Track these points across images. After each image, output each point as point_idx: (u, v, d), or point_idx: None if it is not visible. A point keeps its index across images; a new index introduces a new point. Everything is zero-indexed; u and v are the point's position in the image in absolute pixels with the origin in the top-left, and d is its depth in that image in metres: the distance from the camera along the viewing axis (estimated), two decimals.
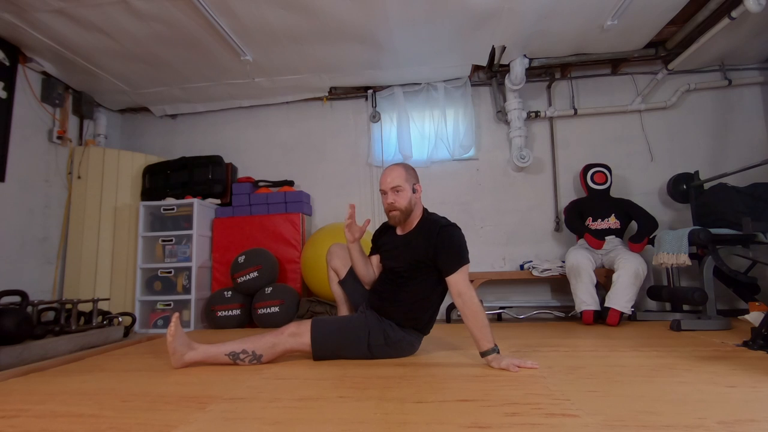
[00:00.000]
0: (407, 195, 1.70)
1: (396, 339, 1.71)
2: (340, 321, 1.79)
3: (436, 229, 1.66)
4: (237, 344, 1.66)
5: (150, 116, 3.95)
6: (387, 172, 1.73)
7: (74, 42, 2.80)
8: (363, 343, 1.68)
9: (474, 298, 1.57)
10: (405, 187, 1.69)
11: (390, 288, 1.75)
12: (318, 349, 1.66)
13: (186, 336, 1.68)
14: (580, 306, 2.67)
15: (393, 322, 1.73)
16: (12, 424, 1.07)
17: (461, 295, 1.58)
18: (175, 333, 1.61)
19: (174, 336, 1.61)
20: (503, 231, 3.43)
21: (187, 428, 1.00)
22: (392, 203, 1.70)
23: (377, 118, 3.64)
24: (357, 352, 1.69)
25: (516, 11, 2.63)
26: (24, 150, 2.97)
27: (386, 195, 1.71)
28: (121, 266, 3.25)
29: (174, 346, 1.61)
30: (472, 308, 1.56)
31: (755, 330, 1.80)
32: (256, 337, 1.68)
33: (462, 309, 1.58)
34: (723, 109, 3.34)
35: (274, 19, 2.62)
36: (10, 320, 1.96)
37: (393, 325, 1.72)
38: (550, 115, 3.45)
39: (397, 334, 1.71)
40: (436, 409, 1.09)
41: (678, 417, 0.98)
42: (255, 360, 1.65)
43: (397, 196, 1.69)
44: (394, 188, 1.69)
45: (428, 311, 1.77)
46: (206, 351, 1.66)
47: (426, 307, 1.75)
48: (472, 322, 1.56)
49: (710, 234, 2.38)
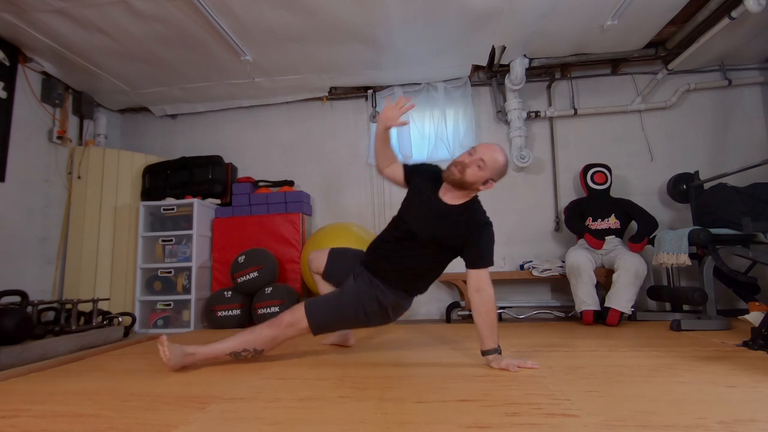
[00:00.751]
0: (479, 176, 1.60)
1: (388, 303, 1.70)
2: (333, 299, 1.72)
3: (479, 224, 1.63)
4: (236, 342, 1.65)
5: (150, 116, 3.95)
6: (491, 148, 1.62)
7: (74, 42, 2.80)
8: (359, 314, 1.68)
9: (493, 297, 1.58)
10: (485, 172, 1.59)
11: (399, 250, 1.69)
12: (318, 330, 1.66)
13: (179, 348, 1.60)
14: (580, 306, 2.67)
15: (385, 285, 1.70)
16: (12, 424, 1.07)
17: (481, 291, 1.57)
18: (170, 355, 1.56)
19: (170, 358, 1.56)
20: (503, 231, 3.42)
21: (187, 428, 1.00)
22: (464, 166, 1.58)
23: (377, 118, 3.63)
24: (354, 323, 1.72)
25: (516, 11, 2.63)
26: (24, 150, 2.97)
27: (470, 156, 1.60)
28: (121, 266, 3.25)
29: (172, 364, 1.57)
30: (489, 306, 1.57)
31: (755, 330, 1.80)
32: (253, 333, 1.65)
33: (478, 305, 1.57)
34: (723, 109, 3.34)
35: (274, 19, 2.62)
36: (10, 320, 1.96)
37: (384, 290, 1.69)
38: (550, 115, 3.45)
39: (389, 299, 1.70)
40: (436, 409, 1.09)
41: (678, 417, 0.98)
42: (257, 354, 1.66)
43: (474, 167, 1.58)
44: (481, 160, 1.58)
45: (427, 282, 1.78)
46: (205, 355, 1.64)
47: (428, 278, 1.76)
48: (484, 319, 1.56)
49: (710, 234, 2.38)
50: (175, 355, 1.57)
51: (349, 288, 1.74)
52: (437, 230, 1.64)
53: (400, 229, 1.72)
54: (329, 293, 1.78)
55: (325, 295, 1.76)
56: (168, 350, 1.55)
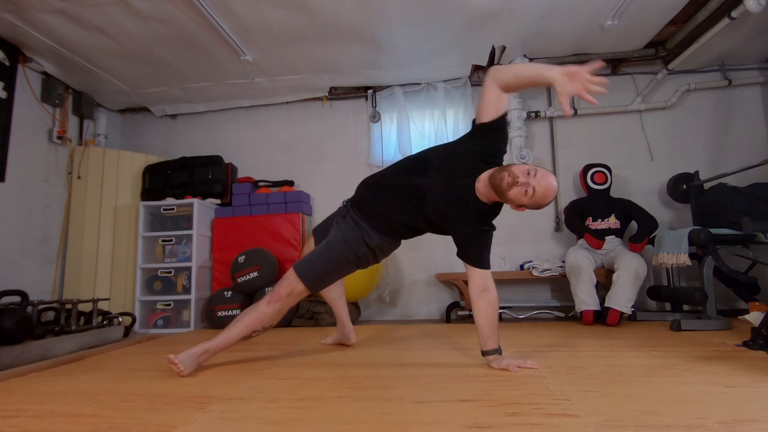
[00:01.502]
0: (520, 200, 1.48)
1: (374, 245, 1.68)
2: (321, 252, 1.68)
3: (487, 226, 1.62)
4: (243, 328, 1.60)
5: (150, 116, 3.95)
6: (548, 183, 1.45)
7: (74, 42, 2.80)
8: (350, 257, 1.66)
9: (497, 298, 1.57)
10: (526, 199, 1.46)
11: (406, 207, 1.60)
12: (315, 285, 1.65)
13: (188, 354, 1.56)
14: (580, 306, 2.67)
15: (371, 228, 1.67)
16: (12, 424, 1.07)
17: (487, 291, 1.55)
18: (182, 368, 1.51)
19: (183, 370, 1.52)
20: (503, 231, 3.40)
21: (187, 428, 1.00)
22: (514, 183, 1.43)
23: (377, 118, 3.64)
24: (347, 269, 1.71)
25: (516, 11, 2.63)
26: (24, 150, 2.97)
27: (527, 177, 1.44)
28: (121, 266, 3.25)
29: (188, 373, 1.54)
30: (495, 306, 1.56)
31: (755, 330, 1.80)
32: (256, 314, 1.61)
33: (483, 305, 1.55)
34: (723, 109, 3.34)
35: (274, 19, 2.62)
36: (10, 320, 1.96)
37: (370, 232, 1.67)
38: (550, 115, 3.45)
39: (374, 240, 1.67)
40: (436, 409, 1.09)
41: (678, 417, 0.98)
42: (266, 330, 1.67)
43: (522, 190, 1.44)
44: (533, 188, 1.44)
45: (413, 236, 1.75)
46: (218, 348, 1.60)
47: (414, 235, 1.74)
48: (487, 319, 1.55)
49: (710, 234, 2.38)
50: (188, 364, 1.54)
51: (334, 237, 1.69)
52: (450, 210, 1.55)
53: (412, 180, 1.59)
54: (315, 249, 1.73)
55: (311, 252, 1.71)
56: (181, 364, 1.51)
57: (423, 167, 1.61)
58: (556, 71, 1.40)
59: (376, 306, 3.49)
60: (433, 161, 1.60)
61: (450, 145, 1.66)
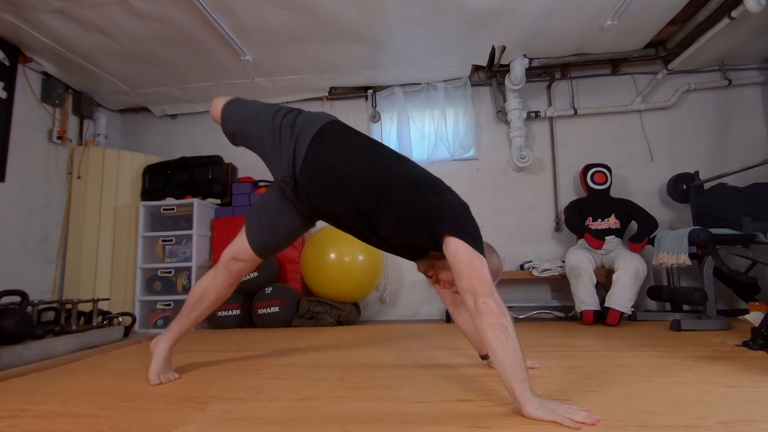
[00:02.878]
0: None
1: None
2: (262, 212, 1.52)
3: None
4: (199, 311, 1.51)
5: (150, 116, 3.95)
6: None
7: (74, 42, 2.80)
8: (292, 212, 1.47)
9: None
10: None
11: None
12: (262, 250, 1.51)
13: (158, 363, 1.48)
14: (580, 306, 2.67)
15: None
16: (12, 424, 1.07)
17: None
18: (162, 379, 1.45)
19: (172, 378, 1.48)
20: (503, 231, 3.43)
21: (187, 428, 1.00)
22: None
23: (377, 118, 3.64)
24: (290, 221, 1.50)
25: (516, 11, 2.63)
26: (24, 150, 2.97)
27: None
28: (121, 266, 3.25)
29: (164, 378, 1.46)
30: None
31: (755, 330, 1.80)
32: (204, 284, 1.50)
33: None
34: (723, 109, 3.34)
35: (274, 19, 2.62)
36: (10, 320, 1.96)
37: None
38: (550, 115, 3.45)
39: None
40: (436, 409, 1.09)
41: (678, 417, 0.98)
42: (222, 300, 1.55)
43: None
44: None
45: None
46: (177, 339, 1.51)
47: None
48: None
49: (710, 234, 2.38)
50: (157, 373, 1.46)
51: (270, 195, 1.52)
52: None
53: (363, 209, 1.28)
54: (257, 209, 1.55)
55: (254, 211, 1.56)
56: (160, 377, 1.45)
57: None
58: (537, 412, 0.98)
59: (376, 306, 3.49)
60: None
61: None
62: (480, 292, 1.06)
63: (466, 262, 1.10)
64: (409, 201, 1.23)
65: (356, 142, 1.36)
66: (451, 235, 1.13)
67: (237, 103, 1.54)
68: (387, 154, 1.34)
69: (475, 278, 1.08)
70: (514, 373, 1.00)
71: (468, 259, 1.10)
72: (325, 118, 1.41)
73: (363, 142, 1.36)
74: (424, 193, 1.23)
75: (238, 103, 1.54)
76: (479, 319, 1.06)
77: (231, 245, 1.56)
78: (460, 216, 1.17)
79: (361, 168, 1.29)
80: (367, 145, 1.36)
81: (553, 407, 0.98)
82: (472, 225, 1.18)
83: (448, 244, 1.13)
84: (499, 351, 1.02)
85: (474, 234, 1.15)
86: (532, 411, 0.98)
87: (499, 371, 1.03)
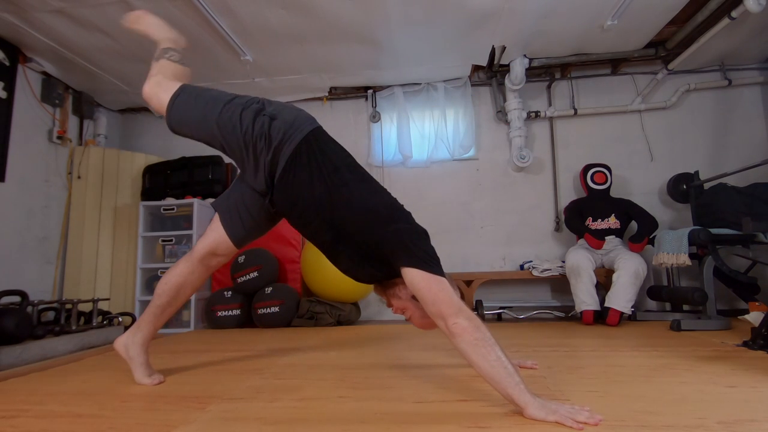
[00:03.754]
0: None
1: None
2: (240, 206, 1.45)
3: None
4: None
5: (150, 116, 3.94)
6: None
7: (74, 42, 2.80)
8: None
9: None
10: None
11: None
12: (242, 244, 1.45)
13: (139, 367, 1.44)
14: (580, 306, 2.67)
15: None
16: (12, 424, 1.07)
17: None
18: (148, 381, 1.41)
19: (156, 380, 1.43)
20: (503, 231, 3.43)
21: (187, 428, 1.00)
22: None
23: (377, 118, 3.64)
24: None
25: (516, 11, 2.63)
26: (24, 150, 2.97)
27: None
28: (121, 266, 3.25)
29: (150, 380, 1.42)
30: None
31: (755, 330, 1.80)
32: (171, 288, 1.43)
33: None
34: (723, 109, 3.34)
35: (274, 19, 2.62)
36: (10, 320, 1.96)
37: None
38: (550, 115, 3.45)
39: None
40: (436, 409, 1.09)
41: (678, 417, 0.98)
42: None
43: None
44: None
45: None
46: (154, 331, 1.47)
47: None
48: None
49: (710, 234, 2.38)
50: (146, 376, 1.44)
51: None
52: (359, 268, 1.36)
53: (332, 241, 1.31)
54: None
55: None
56: (152, 378, 1.44)
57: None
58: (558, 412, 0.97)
59: (376, 306, 3.49)
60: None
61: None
62: (448, 314, 1.06)
63: (425, 289, 1.11)
64: (364, 236, 1.24)
65: (321, 167, 1.28)
66: (406, 266, 1.14)
67: (185, 100, 1.39)
68: (348, 181, 1.27)
69: (438, 302, 1.09)
70: (506, 382, 1.00)
71: (426, 286, 1.11)
72: (299, 130, 1.30)
73: (326, 169, 1.27)
74: (377, 226, 1.23)
75: (186, 99, 1.39)
76: (455, 341, 1.06)
77: (206, 239, 1.51)
78: (412, 244, 1.17)
79: (322, 200, 1.26)
80: (329, 172, 1.27)
81: (555, 408, 0.98)
82: (425, 250, 1.18)
83: (405, 275, 1.15)
84: (484, 366, 1.02)
85: (427, 258, 1.15)
86: (534, 413, 0.97)
87: (492, 385, 1.03)
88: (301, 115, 1.36)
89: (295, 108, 1.40)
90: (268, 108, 1.34)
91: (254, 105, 1.34)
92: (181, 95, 1.39)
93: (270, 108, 1.34)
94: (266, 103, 1.36)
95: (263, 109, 1.33)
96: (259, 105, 1.34)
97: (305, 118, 1.35)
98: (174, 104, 1.40)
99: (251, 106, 1.33)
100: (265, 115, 1.31)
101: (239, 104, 1.34)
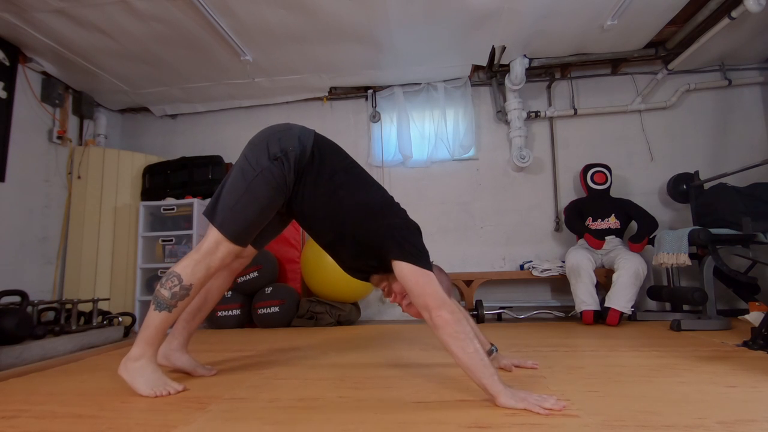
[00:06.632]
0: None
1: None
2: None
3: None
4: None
5: (150, 116, 3.95)
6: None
7: (74, 42, 2.79)
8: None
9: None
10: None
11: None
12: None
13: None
14: (580, 306, 2.67)
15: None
16: (12, 425, 1.07)
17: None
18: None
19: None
20: (503, 231, 3.43)
21: (187, 428, 1.00)
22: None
23: (377, 118, 3.64)
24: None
25: (516, 11, 2.63)
26: (24, 150, 2.97)
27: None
28: (121, 266, 3.25)
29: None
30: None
31: (755, 330, 1.80)
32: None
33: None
34: (723, 109, 3.34)
35: (274, 19, 2.62)
36: (10, 320, 1.96)
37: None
38: (550, 115, 3.45)
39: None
40: (436, 409, 1.09)
41: (678, 417, 0.98)
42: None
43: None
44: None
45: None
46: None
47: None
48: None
49: (710, 234, 2.38)
50: (200, 369, 1.50)
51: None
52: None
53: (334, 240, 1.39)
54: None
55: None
56: (205, 369, 1.51)
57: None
58: (524, 398, 1.05)
59: (376, 306, 3.49)
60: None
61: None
62: (432, 306, 1.13)
63: (413, 281, 1.18)
64: (360, 230, 1.32)
65: (322, 174, 1.36)
66: (396, 259, 1.21)
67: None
68: (344, 183, 1.35)
69: (424, 294, 1.16)
70: (481, 372, 1.07)
71: (414, 279, 1.18)
72: (308, 138, 1.44)
73: (325, 175, 1.36)
74: (371, 221, 1.31)
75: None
76: (437, 332, 1.13)
77: None
78: (402, 238, 1.24)
79: (324, 206, 1.35)
80: (328, 178, 1.35)
81: (524, 396, 1.06)
82: (414, 244, 1.24)
83: (395, 268, 1.22)
84: (462, 356, 1.09)
85: (415, 252, 1.22)
86: (505, 401, 1.05)
87: (468, 374, 1.10)
88: (294, 129, 1.48)
89: (289, 127, 1.52)
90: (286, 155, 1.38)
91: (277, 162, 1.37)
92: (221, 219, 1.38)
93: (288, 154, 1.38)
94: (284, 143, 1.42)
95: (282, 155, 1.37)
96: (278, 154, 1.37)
97: (300, 131, 1.48)
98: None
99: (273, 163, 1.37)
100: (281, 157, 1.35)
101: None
